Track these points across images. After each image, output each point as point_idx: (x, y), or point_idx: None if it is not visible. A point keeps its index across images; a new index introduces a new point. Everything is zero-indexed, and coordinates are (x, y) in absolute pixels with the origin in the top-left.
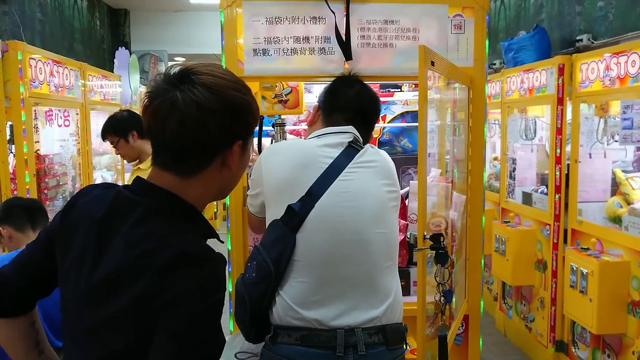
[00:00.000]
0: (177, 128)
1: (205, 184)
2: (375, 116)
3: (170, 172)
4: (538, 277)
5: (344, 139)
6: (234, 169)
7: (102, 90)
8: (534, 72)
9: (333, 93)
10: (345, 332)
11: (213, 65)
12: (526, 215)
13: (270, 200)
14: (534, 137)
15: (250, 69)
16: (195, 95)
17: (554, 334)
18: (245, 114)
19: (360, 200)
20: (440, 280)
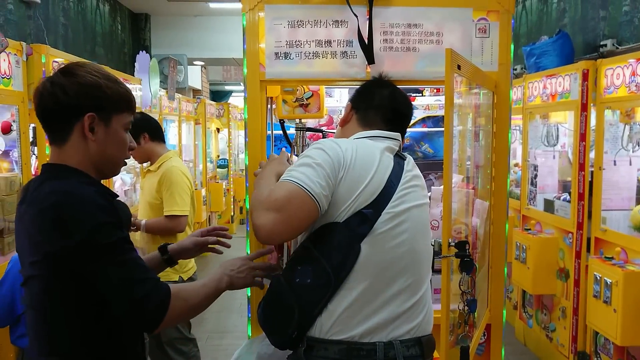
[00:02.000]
0: (37, 100)
1: (78, 151)
2: (410, 117)
3: (51, 146)
4: (560, 286)
5: (394, 145)
6: (91, 139)
7: None
8: (557, 77)
9: (367, 92)
10: (385, 345)
11: (88, 64)
12: (548, 222)
13: (342, 196)
14: (556, 144)
15: (272, 73)
16: (52, 77)
17: (575, 344)
18: (92, 90)
19: (413, 213)
20: (465, 289)
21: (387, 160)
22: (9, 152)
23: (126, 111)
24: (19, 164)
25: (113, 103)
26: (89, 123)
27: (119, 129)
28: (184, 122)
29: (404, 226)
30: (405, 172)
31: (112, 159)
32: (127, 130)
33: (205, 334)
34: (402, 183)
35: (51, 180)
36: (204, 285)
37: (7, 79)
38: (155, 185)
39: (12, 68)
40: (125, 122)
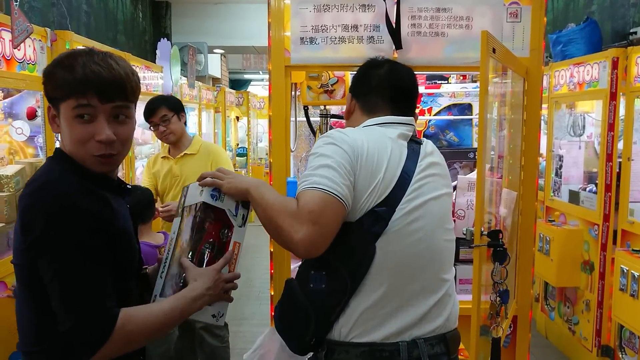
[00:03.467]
0: None
1: (63, 140)
2: (416, 92)
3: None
4: (584, 278)
5: (407, 131)
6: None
7: (145, 81)
8: (585, 65)
9: (363, 76)
10: (408, 345)
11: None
12: (573, 214)
13: (358, 193)
14: (582, 134)
15: (297, 58)
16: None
17: (599, 338)
18: (45, 79)
19: (429, 205)
20: (498, 280)
21: (400, 149)
22: (34, 137)
23: (72, 96)
24: (44, 150)
25: (58, 90)
26: (51, 114)
27: (67, 118)
28: (204, 110)
29: (420, 222)
30: (421, 161)
31: (76, 154)
32: (82, 116)
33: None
34: (417, 173)
35: (47, 163)
36: (172, 308)
37: (32, 64)
38: (206, 167)
39: (37, 54)
40: (72, 109)
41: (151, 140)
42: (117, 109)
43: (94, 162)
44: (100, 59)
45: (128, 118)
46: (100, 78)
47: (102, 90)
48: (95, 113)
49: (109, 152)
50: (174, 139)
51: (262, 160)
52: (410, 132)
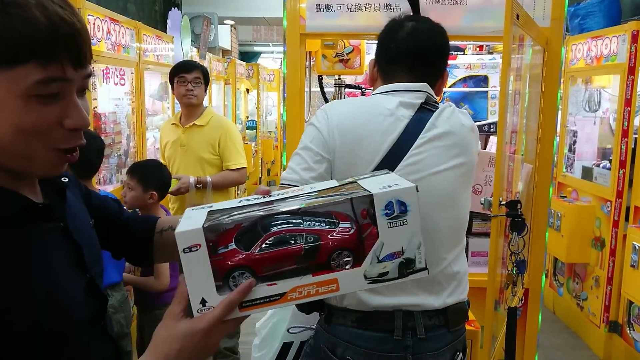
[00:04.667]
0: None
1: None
2: (438, 53)
3: None
4: (594, 255)
5: (416, 99)
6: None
7: (156, 52)
8: (603, 39)
9: (383, 42)
10: (404, 314)
11: None
12: (585, 190)
13: (339, 169)
14: (598, 109)
15: (312, 26)
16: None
17: (608, 314)
18: None
19: (427, 182)
20: (515, 250)
21: (397, 120)
22: None
23: (30, 60)
24: None
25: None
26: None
27: (14, 95)
28: (214, 82)
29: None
30: (426, 132)
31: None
32: (49, 95)
33: None
34: (416, 146)
35: None
36: None
37: None
38: (214, 140)
39: None
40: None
41: (166, 110)
42: (86, 79)
43: (50, 163)
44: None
45: (87, 91)
46: (74, 30)
47: (77, 52)
48: (67, 87)
49: (80, 142)
50: (196, 103)
51: (271, 134)
52: (418, 99)
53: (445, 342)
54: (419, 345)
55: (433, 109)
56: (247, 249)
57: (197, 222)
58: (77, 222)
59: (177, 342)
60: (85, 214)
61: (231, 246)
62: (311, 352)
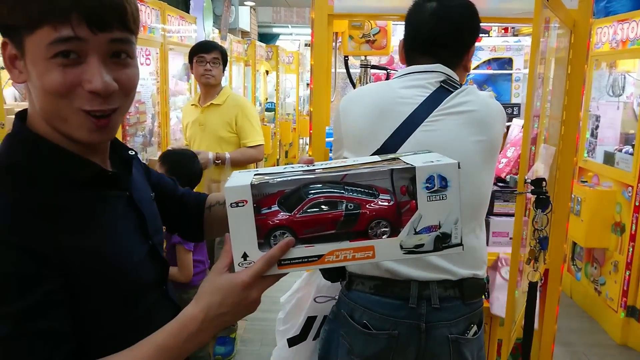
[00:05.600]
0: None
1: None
2: (455, 34)
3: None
4: (614, 240)
5: (431, 79)
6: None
7: (179, 33)
8: (629, 22)
9: (406, 24)
10: (420, 284)
11: None
12: (606, 175)
13: (350, 151)
14: (622, 94)
15: (340, 6)
16: None
17: (625, 298)
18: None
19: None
20: (539, 227)
21: (406, 100)
22: None
23: (45, 23)
24: None
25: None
26: (9, 54)
27: (39, 58)
28: (234, 63)
29: None
30: (443, 106)
31: (50, 114)
32: (64, 55)
33: None
34: (429, 120)
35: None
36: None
37: None
38: (230, 118)
39: None
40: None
41: (186, 91)
42: (116, 44)
43: (82, 126)
44: None
45: (131, 58)
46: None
47: (94, 13)
48: (85, 49)
49: (106, 107)
50: (214, 83)
51: (289, 116)
52: (435, 79)
53: (460, 314)
54: (433, 314)
55: (452, 89)
56: (289, 211)
57: (245, 180)
58: (140, 194)
59: (218, 293)
60: (147, 187)
61: (274, 207)
62: (333, 318)
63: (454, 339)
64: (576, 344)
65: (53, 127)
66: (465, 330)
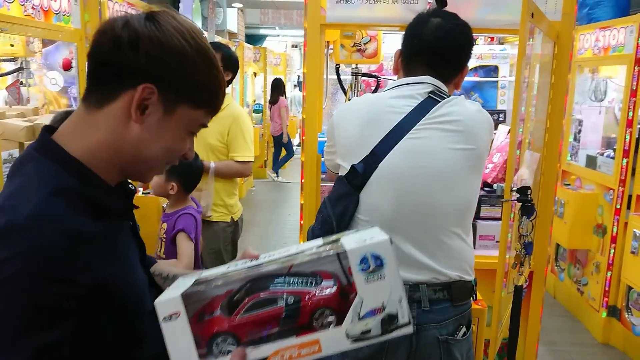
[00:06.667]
0: (96, 36)
1: (108, 126)
2: (457, 51)
3: (82, 102)
4: (596, 241)
5: (420, 90)
6: (136, 120)
7: None
8: (611, 29)
9: (408, 35)
10: (410, 287)
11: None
12: (589, 178)
13: (342, 158)
14: (604, 99)
15: (333, 16)
16: (130, 17)
17: (607, 298)
18: (170, 57)
19: (427, 162)
20: (524, 232)
21: (395, 109)
22: (68, 88)
23: (204, 108)
24: (77, 101)
25: (190, 88)
26: (142, 97)
27: (182, 127)
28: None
29: (406, 178)
30: (430, 115)
31: (147, 161)
32: (192, 135)
33: None
34: (417, 128)
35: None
36: None
37: (67, 16)
38: (224, 128)
39: (71, 5)
40: (195, 123)
41: None
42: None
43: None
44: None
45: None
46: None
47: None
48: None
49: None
50: None
51: None
52: (424, 90)
53: (449, 315)
54: (423, 316)
55: (440, 99)
56: (230, 314)
57: (178, 290)
58: (135, 225)
59: None
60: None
61: (216, 313)
62: None
63: (444, 340)
64: (560, 343)
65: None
66: (454, 331)
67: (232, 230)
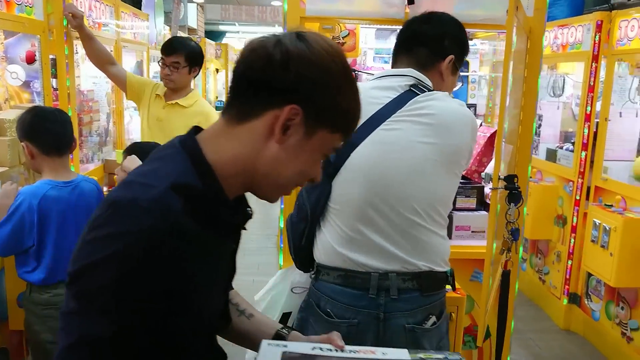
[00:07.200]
0: (246, 53)
1: (246, 142)
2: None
3: (222, 114)
4: (556, 231)
5: (401, 82)
6: (276, 140)
7: (133, 30)
8: (569, 27)
9: (402, 31)
10: (380, 275)
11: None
12: (549, 171)
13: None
14: (562, 94)
15: (312, 10)
16: (282, 36)
17: (568, 286)
18: (321, 78)
19: (398, 154)
20: (511, 219)
21: (374, 100)
22: (30, 82)
23: (341, 133)
24: (41, 95)
25: (333, 113)
26: (287, 118)
27: (317, 150)
28: None
29: (377, 168)
30: (406, 107)
31: (279, 181)
32: (324, 158)
33: None
34: (391, 119)
35: (166, 155)
36: None
37: (30, 7)
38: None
39: None
40: (329, 146)
41: None
42: None
43: (278, 194)
44: None
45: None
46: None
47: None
48: None
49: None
50: (173, 87)
51: None
52: (404, 83)
53: (417, 305)
54: (391, 304)
55: (420, 92)
56: None
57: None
58: (237, 249)
59: None
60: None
61: None
62: (305, 307)
63: (410, 329)
64: (524, 330)
65: (250, 179)
66: (423, 321)
67: None
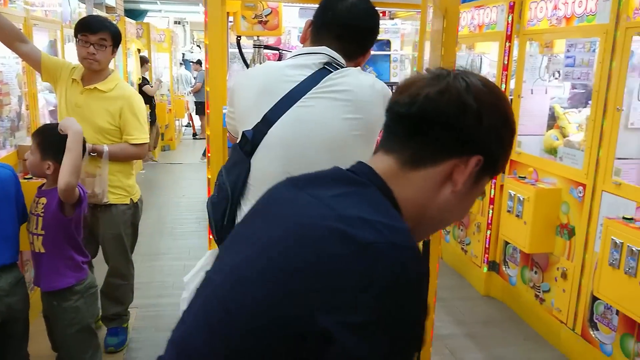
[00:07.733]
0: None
1: (420, 188)
2: (367, 31)
3: (392, 156)
4: (476, 204)
5: (315, 60)
6: (454, 188)
7: (44, 7)
8: (484, 8)
9: (324, 7)
10: None
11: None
12: None
13: (239, 124)
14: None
15: None
16: (474, 86)
17: (487, 255)
18: (506, 132)
19: (315, 131)
20: None
21: (290, 78)
22: None
23: (493, 175)
24: None
25: (502, 159)
26: (474, 169)
27: (478, 193)
28: None
29: (294, 145)
30: (321, 85)
31: (443, 223)
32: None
33: (140, 257)
34: (307, 96)
35: (358, 189)
36: None
37: None
38: (114, 109)
39: None
40: (484, 188)
41: None
42: None
43: (427, 235)
44: None
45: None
46: None
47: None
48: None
49: None
50: (97, 68)
51: (163, 97)
52: (318, 60)
53: None
54: None
55: (334, 70)
56: None
57: None
58: None
59: None
60: None
61: None
62: None
63: None
64: (448, 298)
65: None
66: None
67: (132, 212)
